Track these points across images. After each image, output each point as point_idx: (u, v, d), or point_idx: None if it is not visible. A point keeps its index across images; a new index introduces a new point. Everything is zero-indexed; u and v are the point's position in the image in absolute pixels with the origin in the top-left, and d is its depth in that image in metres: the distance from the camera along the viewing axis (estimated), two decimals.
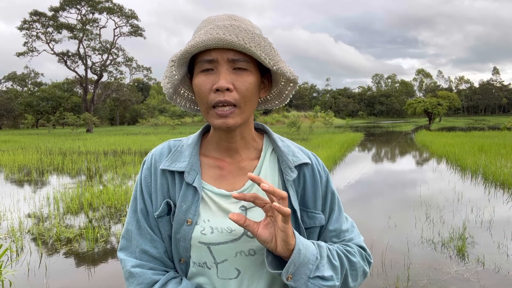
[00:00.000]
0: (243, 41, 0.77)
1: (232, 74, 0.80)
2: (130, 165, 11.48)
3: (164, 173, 0.90)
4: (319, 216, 0.92)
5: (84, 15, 45.20)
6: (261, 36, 0.80)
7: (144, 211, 0.90)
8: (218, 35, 0.77)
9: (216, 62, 0.80)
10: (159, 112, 64.16)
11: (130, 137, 27.09)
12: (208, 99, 0.81)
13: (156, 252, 0.88)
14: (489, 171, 8.83)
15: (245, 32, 0.78)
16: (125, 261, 0.88)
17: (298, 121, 31.98)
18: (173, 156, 0.92)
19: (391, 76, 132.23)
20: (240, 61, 0.80)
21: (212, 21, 0.84)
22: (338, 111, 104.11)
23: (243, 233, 0.86)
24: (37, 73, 69.62)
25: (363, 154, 15.63)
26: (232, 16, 0.85)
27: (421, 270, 3.73)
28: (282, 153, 0.92)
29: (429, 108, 48.36)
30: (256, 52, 0.78)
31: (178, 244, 0.87)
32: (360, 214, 5.91)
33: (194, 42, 0.78)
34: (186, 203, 0.86)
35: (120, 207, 6.39)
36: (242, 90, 0.81)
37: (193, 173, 0.88)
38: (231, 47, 0.78)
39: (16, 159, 13.42)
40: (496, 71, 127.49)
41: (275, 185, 0.91)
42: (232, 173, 0.91)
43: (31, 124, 56.62)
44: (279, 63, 0.82)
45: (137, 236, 0.89)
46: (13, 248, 4.45)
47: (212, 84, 0.80)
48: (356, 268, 0.89)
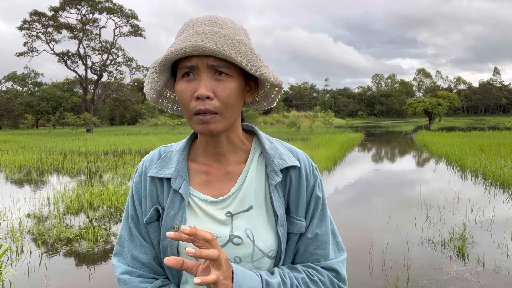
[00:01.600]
0: (222, 48, 0.75)
1: (213, 80, 0.79)
2: (130, 165, 11.48)
3: (153, 180, 0.90)
4: (299, 222, 0.89)
5: (84, 15, 45.20)
6: (242, 41, 0.78)
7: (134, 217, 0.92)
8: (196, 42, 0.75)
9: (197, 68, 0.78)
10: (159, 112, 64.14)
11: (130, 137, 27.10)
12: (189, 107, 0.80)
13: (145, 258, 0.88)
14: (489, 171, 8.83)
15: (224, 38, 0.76)
16: (116, 267, 0.90)
17: (298, 121, 31.95)
18: (161, 162, 0.91)
19: (391, 76, 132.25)
20: (221, 67, 0.78)
21: (192, 25, 0.82)
22: (338, 111, 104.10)
23: (229, 240, 0.85)
24: (37, 73, 69.69)
25: (363, 154, 15.63)
26: (213, 19, 0.82)
27: (421, 270, 3.73)
28: (268, 156, 0.89)
29: (429, 108, 48.36)
30: (236, 58, 0.76)
31: (166, 251, 0.87)
32: (360, 214, 5.92)
33: (173, 49, 0.77)
34: (174, 209, 0.86)
35: (120, 207, 6.39)
36: (223, 97, 0.79)
37: (179, 179, 0.88)
38: (210, 54, 0.76)
39: (16, 159, 13.42)
40: (497, 71, 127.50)
41: (261, 189, 0.89)
42: (219, 178, 0.90)
43: (31, 124, 56.64)
44: (261, 68, 0.80)
45: (128, 242, 0.91)
46: (13, 248, 4.45)
47: (193, 91, 0.79)
48: None
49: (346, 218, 5.71)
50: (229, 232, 0.85)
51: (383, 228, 5.13)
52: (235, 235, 0.85)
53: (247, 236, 0.85)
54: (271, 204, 0.88)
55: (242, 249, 0.85)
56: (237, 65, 0.80)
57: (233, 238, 0.85)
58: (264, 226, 0.87)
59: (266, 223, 0.87)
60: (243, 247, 0.85)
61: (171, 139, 22.68)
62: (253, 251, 0.85)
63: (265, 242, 0.86)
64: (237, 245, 0.85)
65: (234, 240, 0.85)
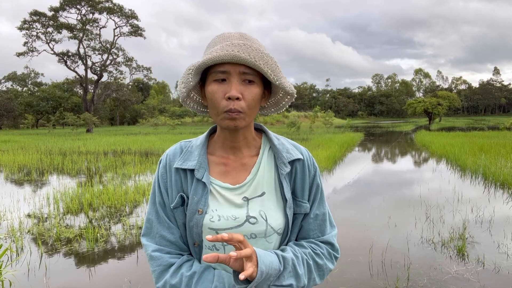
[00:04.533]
0: (254, 59, 0.91)
1: (241, 85, 0.94)
2: (130, 165, 11.48)
3: (178, 171, 1.05)
4: (305, 205, 1.07)
5: (84, 15, 45.19)
6: (268, 55, 0.94)
7: (161, 203, 1.06)
8: (233, 52, 0.90)
9: (229, 73, 0.94)
10: (159, 112, 64.18)
11: (130, 137, 27.09)
12: (220, 105, 0.94)
13: (172, 238, 1.04)
14: (489, 171, 8.83)
15: (256, 51, 0.92)
16: (146, 246, 1.04)
17: (298, 121, 31.98)
18: (184, 156, 1.06)
19: (391, 76, 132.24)
20: (249, 74, 0.95)
21: (226, 38, 0.98)
22: (338, 111, 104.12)
23: (245, 220, 1.01)
24: (37, 73, 69.66)
25: (363, 154, 15.63)
26: (244, 35, 0.99)
27: (421, 270, 3.73)
28: (277, 150, 1.06)
29: (429, 108, 48.38)
30: (263, 68, 0.93)
31: (192, 231, 1.02)
32: (360, 214, 5.92)
33: (212, 56, 0.91)
34: (197, 196, 1.02)
35: (120, 207, 6.39)
36: (249, 100, 0.95)
37: (202, 170, 1.03)
38: (243, 63, 0.92)
39: (16, 159, 13.42)
40: (497, 71, 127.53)
41: (272, 178, 1.06)
42: (236, 169, 1.06)
43: (31, 124, 56.61)
44: (281, 78, 0.97)
45: (156, 224, 1.05)
46: (13, 248, 4.45)
47: (224, 92, 0.94)
48: (323, 269, 1.06)
49: (346, 218, 5.71)
50: (245, 213, 1.02)
51: (383, 228, 5.12)
52: (251, 216, 1.02)
53: (261, 216, 1.02)
54: (280, 190, 1.06)
55: (257, 227, 1.02)
56: (262, 74, 0.97)
57: (249, 218, 1.01)
58: (274, 208, 1.04)
59: (276, 205, 1.05)
60: (257, 225, 1.02)
61: (171, 139, 22.68)
62: (266, 228, 1.02)
63: (276, 221, 1.03)
64: (252, 224, 1.01)
65: (250, 220, 1.01)
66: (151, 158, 13.35)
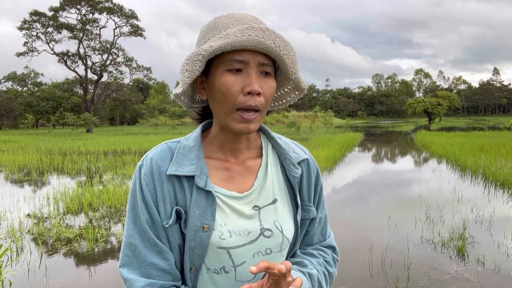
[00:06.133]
0: (278, 48, 0.77)
1: (260, 78, 0.79)
2: (130, 165, 11.48)
3: (170, 178, 0.84)
4: (312, 209, 0.96)
5: (84, 15, 45.20)
6: (290, 44, 0.80)
7: (149, 221, 0.83)
8: (257, 38, 0.75)
9: (247, 64, 0.78)
10: (159, 112, 64.13)
11: (130, 137, 27.09)
12: (235, 101, 0.78)
13: (166, 265, 0.82)
14: (489, 171, 8.83)
15: (280, 39, 0.78)
16: (131, 282, 0.80)
17: (298, 121, 31.98)
18: (178, 159, 0.85)
19: (391, 76, 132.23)
20: (268, 66, 0.80)
21: (239, 20, 0.81)
22: (338, 111, 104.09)
23: (260, 234, 0.86)
24: (37, 73, 69.62)
25: (363, 154, 15.63)
26: (258, 19, 0.83)
27: (421, 270, 3.73)
28: (283, 150, 0.93)
29: (429, 108, 48.39)
30: (285, 60, 0.79)
31: (193, 252, 0.83)
32: (360, 214, 5.91)
33: (231, 40, 0.74)
34: (200, 209, 0.82)
35: (120, 207, 6.39)
36: (267, 95, 0.81)
37: (203, 177, 0.84)
38: (267, 52, 0.77)
39: (16, 159, 13.42)
40: (497, 71, 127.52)
41: (280, 181, 0.93)
42: (240, 173, 0.90)
43: (31, 124, 56.57)
44: (297, 72, 0.85)
45: (142, 249, 0.82)
46: (13, 248, 4.45)
47: (241, 86, 0.78)
48: (332, 277, 0.98)
49: (346, 218, 5.70)
50: (259, 225, 0.87)
51: (383, 228, 5.12)
52: (265, 228, 0.87)
53: (276, 227, 0.88)
54: (289, 195, 0.93)
55: (272, 241, 0.87)
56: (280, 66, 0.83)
57: (264, 231, 0.87)
58: (287, 216, 0.91)
59: (288, 213, 0.92)
60: (273, 238, 0.87)
61: (171, 139, 22.64)
62: (282, 240, 0.89)
63: (289, 230, 0.90)
64: (267, 237, 0.87)
65: (265, 233, 0.87)
66: None
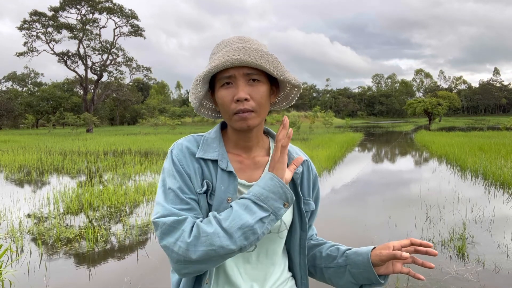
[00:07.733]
0: (254, 59, 0.94)
1: (248, 86, 0.97)
2: (130, 165, 11.48)
3: (198, 160, 1.02)
4: (311, 203, 1.13)
5: (84, 15, 45.21)
6: (268, 53, 0.97)
7: (182, 188, 0.97)
8: (234, 57, 0.94)
9: (234, 77, 0.97)
10: (159, 112, 64.17)
11: (130, 137, 27.10)
12: (230, 108, 0.98)
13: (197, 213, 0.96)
14: (489, 171, 8.83)
15: (255, 52, 0.95)
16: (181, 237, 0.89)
17: (298, 121, 31.99)
18: (203, 147, 1.04)
19: (391, 76, 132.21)
20: (254, 74, 0.97)
21: (225, 44, 1.01)
22: (338, 111, 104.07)
23: None
24: (37, 73, 69.68)
25: (363, 154, 15.63)
26: (242, 38, 1.02)
27: (421, 270, 3.73)
28: (288, 152, 1.09)
29: (429, 108, 48.38)
30: (265, 66, 0.96)
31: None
32: (360, 214, 5.91)
33: (215, 64, 0.94)
34: (224, 185, 1.00)
35: (120, 207, 6.39)
36: (257, 99, 0.98)
37: (224, 161, 1.03)
38: (245, 65, 0.96)
39: (16, 159, 13.42)
40: (497, 71, 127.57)
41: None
42: (250, 166, 1.08)
43: (31, 124, 56.58)
44: (285, 73, 1.00)
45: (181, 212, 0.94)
46: (13, 248, 4.45)
47: (232, 95, 0.97)
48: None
49: (346, 218, 5.71)
50: None
51: (383, 228, 5.12)
52: None
53: None
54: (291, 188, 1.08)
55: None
56: (266, 72, 0.99)
57: None
58: None
59: None
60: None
61: (171, 139, 22.66)
62: (280, 224, 1.05)
63: (286, 217, 1.07)
64: None
65: None
66: (151, 158, 13.35)
